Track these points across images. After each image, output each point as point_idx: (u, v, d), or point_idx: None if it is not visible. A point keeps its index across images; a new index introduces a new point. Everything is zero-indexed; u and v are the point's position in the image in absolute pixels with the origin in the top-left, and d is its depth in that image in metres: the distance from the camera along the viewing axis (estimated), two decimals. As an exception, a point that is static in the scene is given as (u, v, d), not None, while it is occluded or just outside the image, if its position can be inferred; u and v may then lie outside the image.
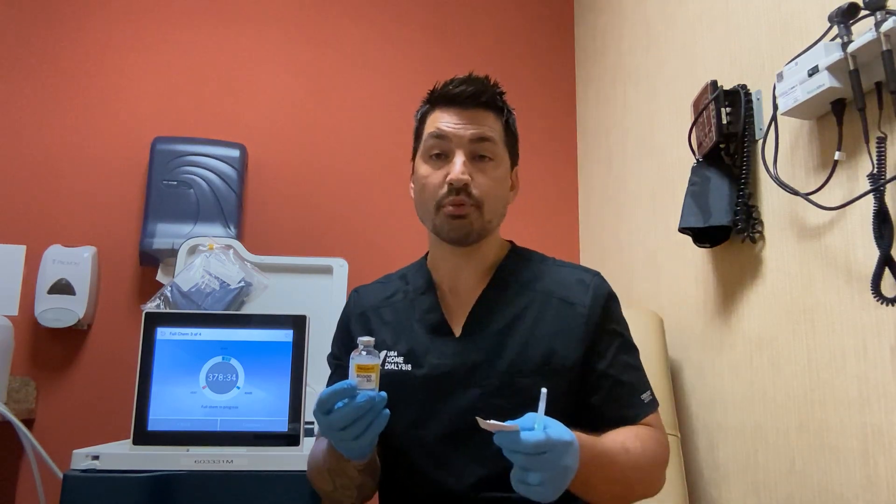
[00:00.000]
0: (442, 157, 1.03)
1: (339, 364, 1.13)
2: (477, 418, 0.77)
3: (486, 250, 1.08)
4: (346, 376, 1.08)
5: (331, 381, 1.12)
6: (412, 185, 1.11)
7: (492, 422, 0.76)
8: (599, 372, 1.01)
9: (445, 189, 1.00)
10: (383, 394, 0.87)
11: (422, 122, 1.10)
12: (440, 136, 1.03)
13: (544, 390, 0.81)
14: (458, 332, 1.04)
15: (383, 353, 1.05)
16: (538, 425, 0.78)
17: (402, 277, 1.16)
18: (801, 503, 1.09)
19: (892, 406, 0.91)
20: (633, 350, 1.06)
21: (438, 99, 1.06)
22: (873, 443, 0.94)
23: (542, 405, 0.81)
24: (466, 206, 1.00)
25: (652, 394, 1.04)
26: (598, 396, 1.00)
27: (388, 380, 1.02)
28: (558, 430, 0.78)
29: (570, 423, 1.01)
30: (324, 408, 0.85)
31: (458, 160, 1.00)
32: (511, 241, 1.15)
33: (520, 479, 0.77)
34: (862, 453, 0.96)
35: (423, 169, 1.05)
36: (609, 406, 1.00)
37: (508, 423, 0.76)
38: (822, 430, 1.05)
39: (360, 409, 0.84)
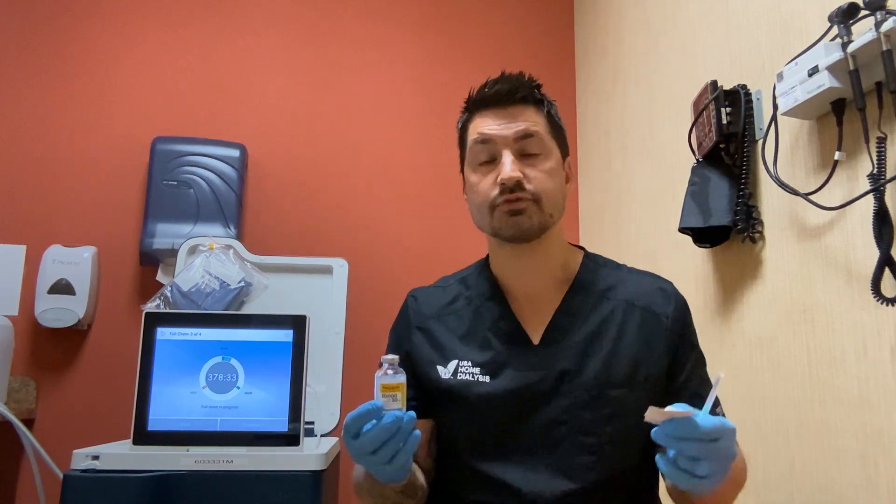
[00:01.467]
0: (490, 161, 1.00)
1: None
2: (651, 408, 0.72)
3: (551, 249, 1.04)
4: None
5: None
6: (465, 195, 1.07)
7: (669, 409, 0.71)
8: (679, 385, 0.99)
9: (497, 190, 0.97)
10: (412, 413, 0.82)
11: (464, 130, 1.06)
12: (484, 140, 1.00)
13: (721, 375, 0.78)
14: (536, 339, 1.00)
15: (454, 362, 1.01)
16: (703, 412, 0.72)
17: (462, 281, 1.11)
18: (801, 503, 1.09)
19: (892, 406, 0.91)
20: (705, 363, 1.05)
21: (476, 104, 1.04)
22: (873, 443, 0.94)
23: (714, 392, 0.75)
24: (523, 200, 0.96)
25: (722, 409, 1.02)
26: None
27: (465, 391, 0.99)
28: (721, 418, 0.74)
29: (650, 436, 1.01)
30: (350, 431, 0.80)
31: (507, 160, 0.97)
32: (582, 247, 1.12)
33: (688, 469, 0.72)
34: (862, 453, 0.96)
35: (474, 177, 1.02)
36: None
37: (678, 409, 0.71)
38: (822, 430, 1.05)
39: (388, 431, 0.79)
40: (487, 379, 0.98)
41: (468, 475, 0.99)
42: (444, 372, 1.01)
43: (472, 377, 0.99)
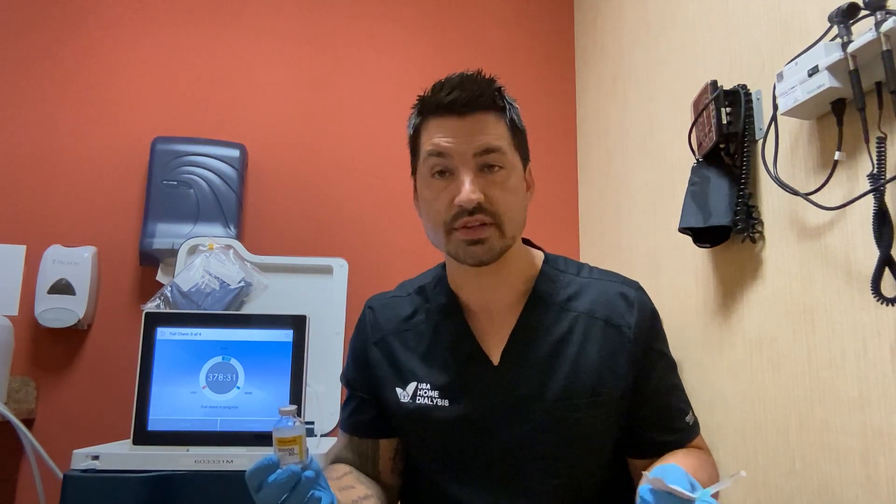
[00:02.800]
0: (446, 174, 0.91)
1: (356, 394, 1.05)
2: (653, 477, 0.70)
3: (512, 264, 0.98)
4: (365, 409, 1.03)
5: (345, 408, 1.06)
6: (416, 205, 0.99)
7: (675, 487, 0.69)
8: (646, 395, 0.96)
9: (454, 211, 0.89)
10: (310, 473, 0.78)
11: (416, 135, 0.97)
12: (440, 153, 0.91)
13: (743, 473, 0.73)
14: (495, 359, 0.96)
15: (413, 384, 0.97)
16: (702, 494, 0.69)
17: (421, 292, 1.05)
18: (801, 503, 1.09)
19: (892, 406, 0.91)
20: (675, 368, 1.01)
21: (431, 109, 0.94)
22: (873, 443, 0.94)
23: (726, 484, 0.72)
24: (486, 226, 0.89)
25: (694, 414, 1.00)
26: (644, 420, 0.96)
27: (424, 415, 0.95)
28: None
29: (616, 449, 0.98)
30: (252, 485, 0.78)
31: (466, 179, 0.88)
32: (541, 248, 1.06)
33: None
34: (862, 453, 0.96)
35: (427, 192, 0.93)
36: (657, 431, 0.96)
37: (679, 488, 0.69)
38: (822, 430, 1.05)
39: (284, 487, 0.76)
40: (447, 403, 0.95)
41: (433, 495, 0.98)
42: (403, 395, 0.98)
43: (431, 401, 0.95)
